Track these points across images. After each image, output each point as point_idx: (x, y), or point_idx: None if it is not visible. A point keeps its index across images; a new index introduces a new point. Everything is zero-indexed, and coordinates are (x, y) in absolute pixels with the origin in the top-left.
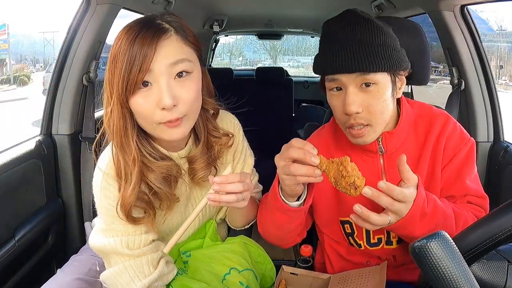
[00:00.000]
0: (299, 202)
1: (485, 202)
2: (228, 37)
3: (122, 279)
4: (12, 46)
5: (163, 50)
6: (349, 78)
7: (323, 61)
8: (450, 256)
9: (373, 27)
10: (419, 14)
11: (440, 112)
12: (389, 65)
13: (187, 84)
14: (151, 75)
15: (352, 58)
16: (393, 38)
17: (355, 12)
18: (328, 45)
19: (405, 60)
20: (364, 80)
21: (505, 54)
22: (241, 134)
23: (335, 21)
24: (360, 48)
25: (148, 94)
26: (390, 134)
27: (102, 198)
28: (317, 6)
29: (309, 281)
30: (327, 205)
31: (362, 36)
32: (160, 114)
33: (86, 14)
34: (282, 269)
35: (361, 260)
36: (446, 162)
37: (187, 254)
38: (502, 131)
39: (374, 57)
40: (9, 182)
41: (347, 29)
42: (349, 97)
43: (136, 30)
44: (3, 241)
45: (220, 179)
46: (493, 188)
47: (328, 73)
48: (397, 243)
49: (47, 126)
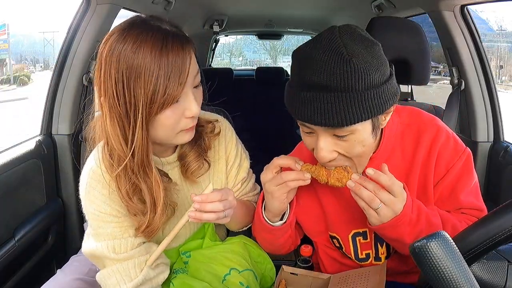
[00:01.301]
0: (282, 221)
1: (481, 215)
2: (228, 37)
3: (110, 281)
4: (12, 46)
5: (192, 60)
6: (319, 128)
7: (291, 104)
8: (450, 256)
9: (352, 70)
10: (419, 14)
11: (430, 121)
12: (369, 114)
13: (200, 91)
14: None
15: (321, 110)
16: (379, 69)
17: (334, 42)
18: (297, 86)
19: (392, 95)
20: (336, 133)
21: (505, 54)
22: (234, 138)
23: (307, 56)
24: (332, 98)
25: (176, 106)
26: (371, 160)
27: (87, 203)
28: (317, 6)
29: (309, 281)
30: (315, 221)
31: (336, 82)
32: (185, 122)
33: (86, 14)
34: (282, 269)
35: (355, 264)
36: (439, 178)
37: (187, 254)
38: (502, 131)
39: (350, 109)
40: (9, 182)
41: (319, 71)
42: (320, 147)
43: (160, 38)
44: (3, 241)
45: (200, 198)
46: (493, 188)
47: (297, 119)
48: (386, 259)
49: (47, 126)
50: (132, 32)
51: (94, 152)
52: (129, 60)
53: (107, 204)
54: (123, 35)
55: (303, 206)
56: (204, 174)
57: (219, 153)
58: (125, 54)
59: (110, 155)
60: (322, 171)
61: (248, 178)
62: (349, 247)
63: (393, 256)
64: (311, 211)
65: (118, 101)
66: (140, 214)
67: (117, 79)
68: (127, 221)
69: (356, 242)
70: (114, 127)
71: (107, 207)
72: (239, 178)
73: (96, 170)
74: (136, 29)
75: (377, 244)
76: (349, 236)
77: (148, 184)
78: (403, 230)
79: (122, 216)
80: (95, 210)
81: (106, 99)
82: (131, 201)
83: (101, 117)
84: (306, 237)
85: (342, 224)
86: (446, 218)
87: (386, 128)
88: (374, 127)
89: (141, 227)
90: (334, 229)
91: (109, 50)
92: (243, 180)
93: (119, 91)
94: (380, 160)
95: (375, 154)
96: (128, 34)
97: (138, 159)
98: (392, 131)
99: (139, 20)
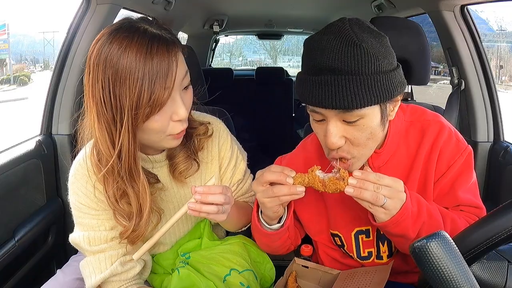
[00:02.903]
0: (279, 224)
1: (480, 212)
2: (228, 37)
3: (86, 271)
4: (12, 46)
5: (179, 62)
6: (330, 112)
7: (302, 89)
8: (450, 256)
9: (362, 53)
10: (419, 14)
11: (433, 118)
12: (378, 98)
13: (189, 93)
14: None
15: (332, 93)
16: (387, 57)
17: (343, 29)
18: (307, 71)
19: (400, 84)
20: (347, 117)
21: (505, 54)
22: (230, 139)
23: (318, 41)
24: (343, 81)
25: (163, 109)
26: (377, 154)
27: (71, 193)
28: (317, 6)
29: (319, 275)
30: (316, 219)
31: (346, 65)
32: (174, 126)
33: (86, 14)
34: (294, 261)
35: (356, 264)
36: (440, 174)
37: (187, 256)
38: (502, 131)
39: (359, 92)
40: (9, 182)
41: (330, 55)
42: (330, 132)
43: (145, 42)
44: (3, 241)
45: (202, 189)
46: (493, 188)
47: (308, 104)
48: (388, 258)
49: (47, 126)
50: (118, 36)
51: (84, 149)
52: (115, 64)
53: (88, 197)
54: (110, 39)
55: (305, 202)
56: (195, 175)
57: (212, 154)
58: (111, 59)
59: (97, 156)
60: (317, 182)
61: (244, 180)
62: (351, 245)
63: (395, 255)
64: (313, 207)
65: (105, 106)
66: (127, 218)
67: (104, 83)
68: (105, 215)
69: (359, 240)
70: (101, 131)
71: (88, 200)
72: (235, 180)
73: (82, 165)
74: (123, 33)
75: (379, 242)
76: (352, 234)
77: (135, 189)
78: (407, 224)
79: (101, 210)
80: (76, 201)
81: (94, 103)
82: (118, 204)
83: (89, 120)
84: (306, 237)
85: (345, 221)
86: (445, 213)
87: (392, 124)
88: (383, 115)
89: (126, 232)
90: (336, 226)
91: (97, 54)
92: (238, 181)
93: (106, 96)
94: (386, 155)
95: (382, 149)
96: (115, 37)
97: (125, 163)
98: (397, 128)
99: (127, 23)
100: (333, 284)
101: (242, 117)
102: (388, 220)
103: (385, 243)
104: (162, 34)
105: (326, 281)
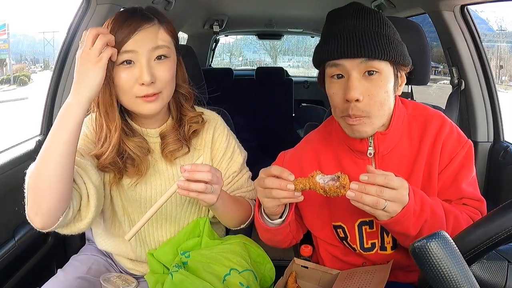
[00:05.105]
0: (281, 220)
1: (481, 205)
2: (228, 37)
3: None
4: (12, 46)
5: (147, 35)
6: (352, 63)
7: (326, 47)
8: (450, 256)
9: (380, 18)
10: (419, 14)
11: (435, 113)
12: (394, 55)
13: (164, 66)
14: (134, 55)
15: (357, 43)
16: (397, 33)
17: (361, 4)
18: (332, 32)
19: (408, 55)
20: (367, 68)
21: (505, 54)
22: (226, 131)
23: (341, 9)
24: (365, 35)
25: (130, 71)
26: (383, 135)
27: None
28: (317, 6)
29: (319, 275)
30: (318, 212)
31: (368, 25)
32: (139, 89)
33: (86, 14)
34: (293, 261)
35: (357, 261)
36: (443, 166)
37: (186, 255)
38: (502, 131)
39: (380, 45)
40: (9, 182)
41: (353, 17)
42: (352, 83)
43: (125, 16)
44: (3, 241)
45: (190, 166)
46: (493, 188)
47: (332, 59)
48: (392, 249)
49: (47, 126)
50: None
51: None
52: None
53: (86, 126)
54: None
55: (306, 195)
56: (185, 157)
57: (205, 141)
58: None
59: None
60: (318, 187)
61: (241, 174)
62: (355, 236)
63: (398, 249)
64: (314, 199)
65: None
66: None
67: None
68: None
69: (362, 231)
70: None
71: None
72: (230, 172)
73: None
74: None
75: (383, 233)
76: (355, 225)
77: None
78: (408, 223)
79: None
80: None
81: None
82: (101, 130)
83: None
84: (306, 237)
85: (348, 212)
86: (448, 209)
87: (396, 110)
88: (395, 80)
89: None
90: (339, 217)
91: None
92: (234, 173)
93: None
94: (390, 139)
95: (387, 131)
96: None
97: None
98: (401, 118)
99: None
100: (332, 284)
101: (242, 117)
102: (389, 220)
103: (390, 234)
104: (144, 12)
105: (326, 281)
